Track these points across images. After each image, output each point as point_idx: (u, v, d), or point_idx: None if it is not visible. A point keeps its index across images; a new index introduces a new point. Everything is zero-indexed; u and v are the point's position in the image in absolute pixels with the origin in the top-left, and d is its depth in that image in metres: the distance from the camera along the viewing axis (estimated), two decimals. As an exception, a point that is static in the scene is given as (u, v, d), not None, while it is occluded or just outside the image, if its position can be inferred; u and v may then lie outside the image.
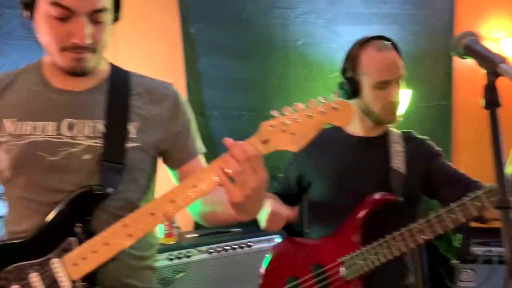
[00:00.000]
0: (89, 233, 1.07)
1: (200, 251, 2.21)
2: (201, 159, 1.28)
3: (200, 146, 1.28)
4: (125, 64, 1.25)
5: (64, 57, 1.07)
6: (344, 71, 1.53)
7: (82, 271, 1.05)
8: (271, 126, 1.00)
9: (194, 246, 2.21)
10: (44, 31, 1.06)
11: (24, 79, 1.15)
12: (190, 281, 2.17)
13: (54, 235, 1.08)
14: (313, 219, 1.65)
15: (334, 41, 2.94)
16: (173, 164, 1.24)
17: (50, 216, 1.08)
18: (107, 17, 1.08)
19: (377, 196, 1.47)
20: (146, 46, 2.53)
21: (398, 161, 1.51)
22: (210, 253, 2.23)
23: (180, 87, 2.56)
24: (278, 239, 2.28)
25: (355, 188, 1.50)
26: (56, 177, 1.09)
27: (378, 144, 1.55)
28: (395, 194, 1.47)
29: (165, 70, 2.52)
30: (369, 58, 1.47)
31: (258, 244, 2.33)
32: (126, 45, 2.58)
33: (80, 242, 1.06)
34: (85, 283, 1.06)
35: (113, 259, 1.06)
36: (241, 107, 2.79)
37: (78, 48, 1.05)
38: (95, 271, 1.06)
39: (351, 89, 1.48)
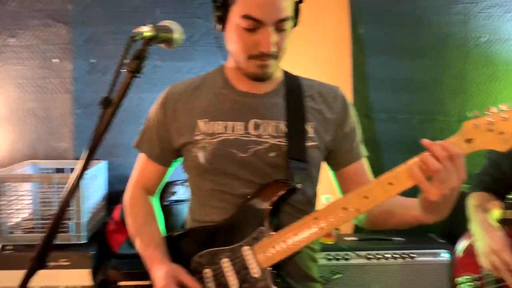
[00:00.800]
0: (277, 224, 1.14)
1: (359, 256, 2.17)
2: (364, 162, 1.27)
3: (363, 149, 1.28)
4: (292, 65, 1.30)
5: (250, 64, 1.15)
6: None
7: (272, 260, 1.10)
8: (475, 125, 0.96)
9: (352, 249, 2.18)
10: (233, 40, 1.15)
11: (210, 83, 1.28)
12: (346, 284, 2.15)
13: (245, 224, 1.15)
14: None
15: (526, 37, 2.57)
16: (336, 164, 1.27)
17: (242, 206, 1.17)
18: (290, 24, 1.14)
19: None
20: (314, 47, 2.58)
21: None
22: (369, 259, 2.16)
23: (346, 88, 2.54)
24: (445, 254, 2.12)
25: None
26: (246, 171, 1.18)
27: None
28: None
29: (331, 71, 2.53)
30: None
31: (422, 257, 2.17)
32: (294, 45, 2.68)
33: (269, 232, 1.12)
34: (273, 271, 1.11)
35: (298, 252, 1.11)
36: (410, 109, 2.62)
37: (263, 56, 1.13)
38: (283, 260, 1.10)
39: None
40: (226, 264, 1.14)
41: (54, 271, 1.89)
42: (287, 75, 1.29)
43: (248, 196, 1.17)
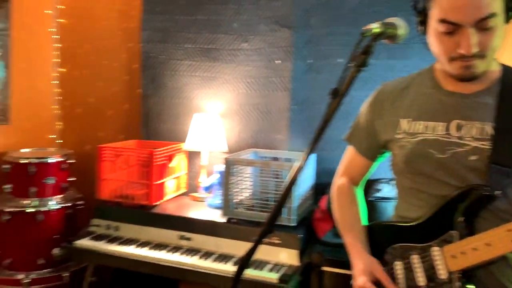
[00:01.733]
0: (470, 230, 1.11)
1: None
2: None
3: None
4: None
5: (453, 66, 1.13)
6: None
7: (460, 264, 1.09)
8: None
9: None
10: (434, 44, 1.16)
11: (418, 83, 1.29)
12: None
13: (438, 225, 1.16)
14: None
15: None
16: None
17: (437, 207, 1.17)
18: (496, 21, 1.07)
19: None
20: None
21: None
22: None
23: None
24: None
25: None
26: (443, 173, 1.16)
27: None
28: None
29: None
30: None
31: None
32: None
33: (461, 236, 1.11)
34: (461, 276, 1.09)
35: (493, 261, 1.06)
36: None
37: (465, 57, 1.09)
38: (474, 267, 1.08)
39: None
40: (415, 260, 1.17)
41: (267, 247, 2.13)
42: (507, 71, 1.20)
43: (444, 198, 1.15)
